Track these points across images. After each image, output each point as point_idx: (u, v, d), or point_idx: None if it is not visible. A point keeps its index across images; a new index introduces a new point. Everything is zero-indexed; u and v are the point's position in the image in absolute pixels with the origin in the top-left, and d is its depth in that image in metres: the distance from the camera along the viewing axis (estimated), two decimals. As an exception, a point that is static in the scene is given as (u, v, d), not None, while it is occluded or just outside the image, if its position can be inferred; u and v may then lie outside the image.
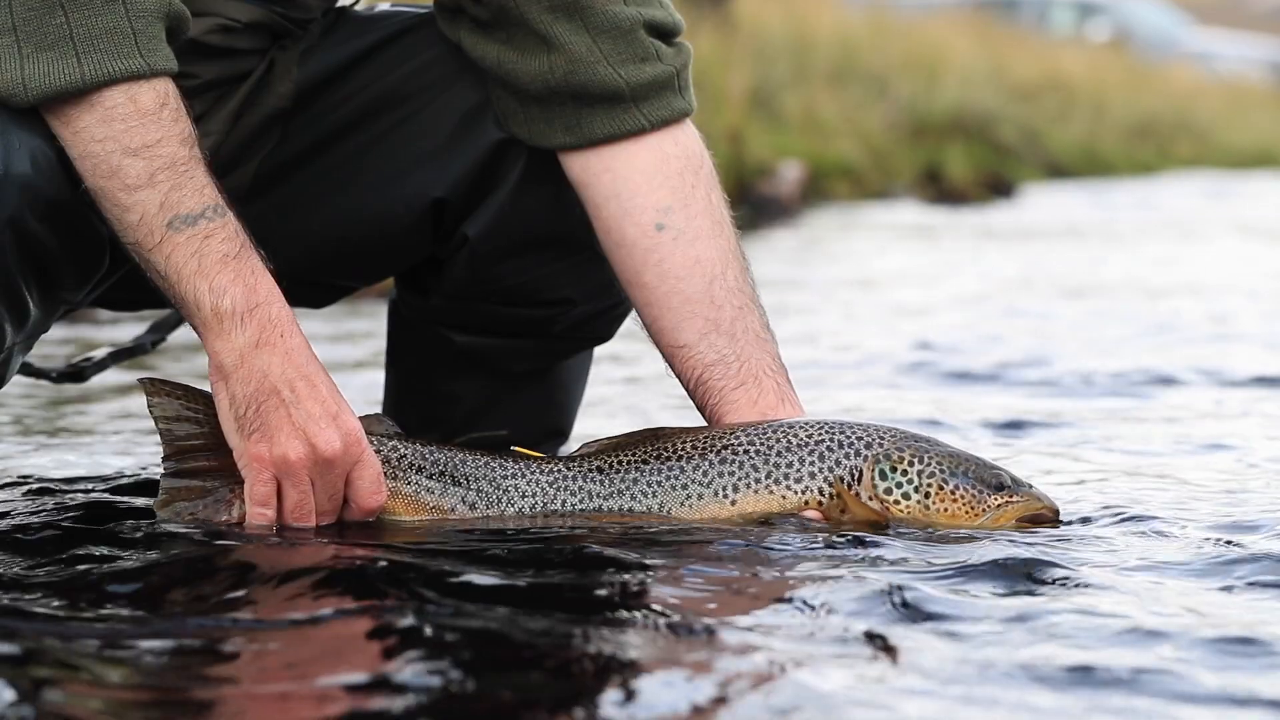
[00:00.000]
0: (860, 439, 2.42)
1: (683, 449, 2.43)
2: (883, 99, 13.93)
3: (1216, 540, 2.45)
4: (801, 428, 2.43)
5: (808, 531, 2.37)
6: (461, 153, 2.66)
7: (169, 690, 1.77)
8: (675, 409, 3.45)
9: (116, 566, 2.21)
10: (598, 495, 2.43)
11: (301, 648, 1.91)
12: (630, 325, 2.76)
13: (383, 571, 2.15)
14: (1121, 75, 20.42)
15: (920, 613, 2.05)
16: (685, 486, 2.42)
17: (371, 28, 2.71)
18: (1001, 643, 1.94)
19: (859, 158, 12.41)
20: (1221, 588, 2.22)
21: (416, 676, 1.78)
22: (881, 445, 2.42)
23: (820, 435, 2.42)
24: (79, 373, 2.98)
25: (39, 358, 2.97)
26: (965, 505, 2.41)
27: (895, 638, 1.96)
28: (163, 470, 2.39)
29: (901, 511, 2.40)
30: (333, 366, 3.95)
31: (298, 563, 2.19)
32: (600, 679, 1.81)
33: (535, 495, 2.44)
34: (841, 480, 2.41)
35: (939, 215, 11.30)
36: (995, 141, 14.86)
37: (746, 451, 2.42)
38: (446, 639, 1.91)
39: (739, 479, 2.42)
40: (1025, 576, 2.20)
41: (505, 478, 2.44)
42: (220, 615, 2.02)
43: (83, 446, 3.29)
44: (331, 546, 2.28)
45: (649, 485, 2.43)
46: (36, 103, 2.27)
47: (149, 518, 2.41)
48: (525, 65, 2.58)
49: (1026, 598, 2.13)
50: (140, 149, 2.28)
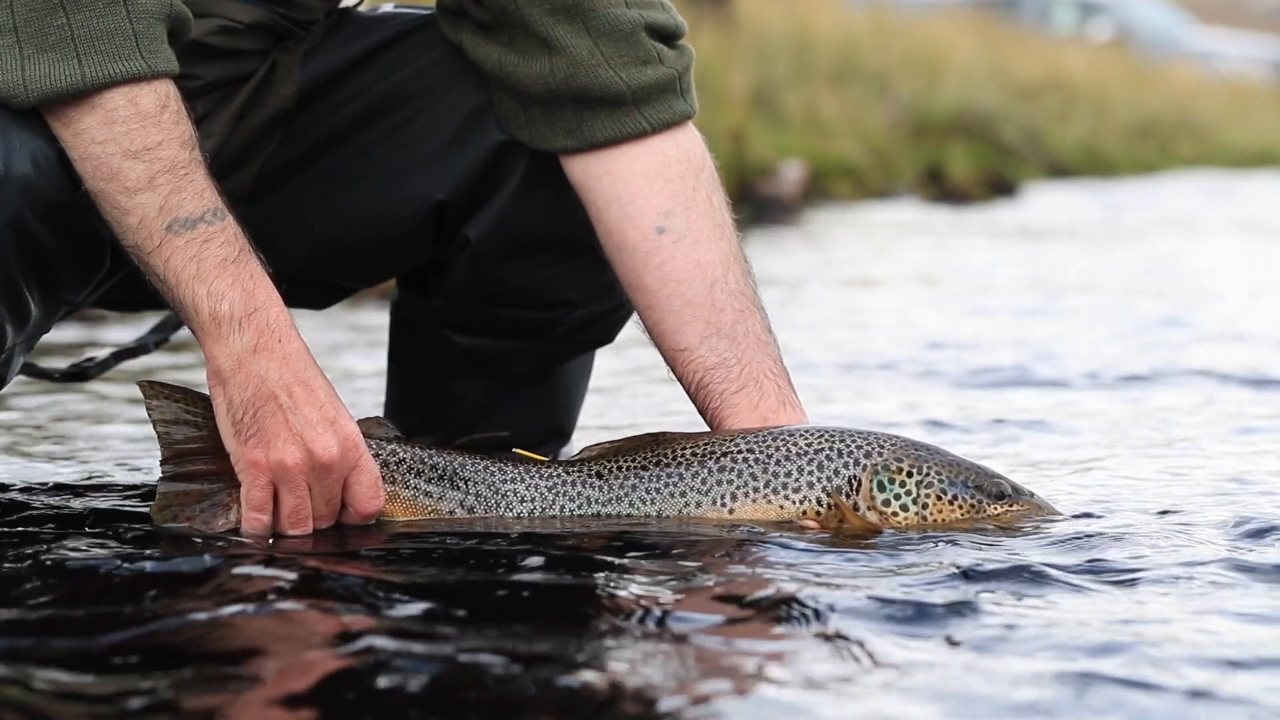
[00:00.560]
0: (859, 448, 2.41)
1: (682, 456, 2.43)
2: (884, 98, 13.92)
3: (1225, 540, 2.45)
4: (801, 436, 2.42)
5: (808, 534, 2.37)
6: (463, 155, 2.65)
7: (160, 691, 1.76)
8: (675, 410, 3.44)
9: (113, 568, 2.21)
10: (596, 501, 2.43)
11: (288, 653, 1.91)
12: (631, 328, 2.76)
13: (372, 578, 2.14)
14: (1123, 74, 20.41)
15: (921, 614, 2.04)
16: (684, 494, 2.42)
17: (374, 29, 2.70)
18: (1005, 643, 1.94)
19: (860, 157, 12.40)
20: (1228, 588, 2.21)
21: (401, 681, 1.78)
22: (881, 455, 2.41)
23: (819, 444, 2.41)
24: (82, 373, 2.98)
25: (42, 358, 2.97)
26: (964, 515, 2.41)
27: (896, 640, 1.96)
28: (160, 474, 2.39)
29: (900, 522, 2.40)
30: (335, 366, 3.90)
31: (290, 568, 2.19)
32: (594, 683, 1.81)
33: (534, 500, 2.43)
34: (840, 490, 2.40)
35: (940, 215, 11.29)
36: (997, 141, 14.85)
37: (745, 460, 2.41)
38: (438, 642, 1.91)
39: (737, 488, 2.41)
40: (1028, 578, 2.20)
41: (504, 482, 2.44)
42: (209, 619, 2.01)
43: (84, 447, 3.28)
44: (325, 551, 2.28)
45: (647, 492, 2.42)
46: (37, 104, 2.27)
47: (147, 521, 2.40)
48: (526, 68, 2.57)
49: (1029, 598, 2.13)
50: (140, 151, 2.27)
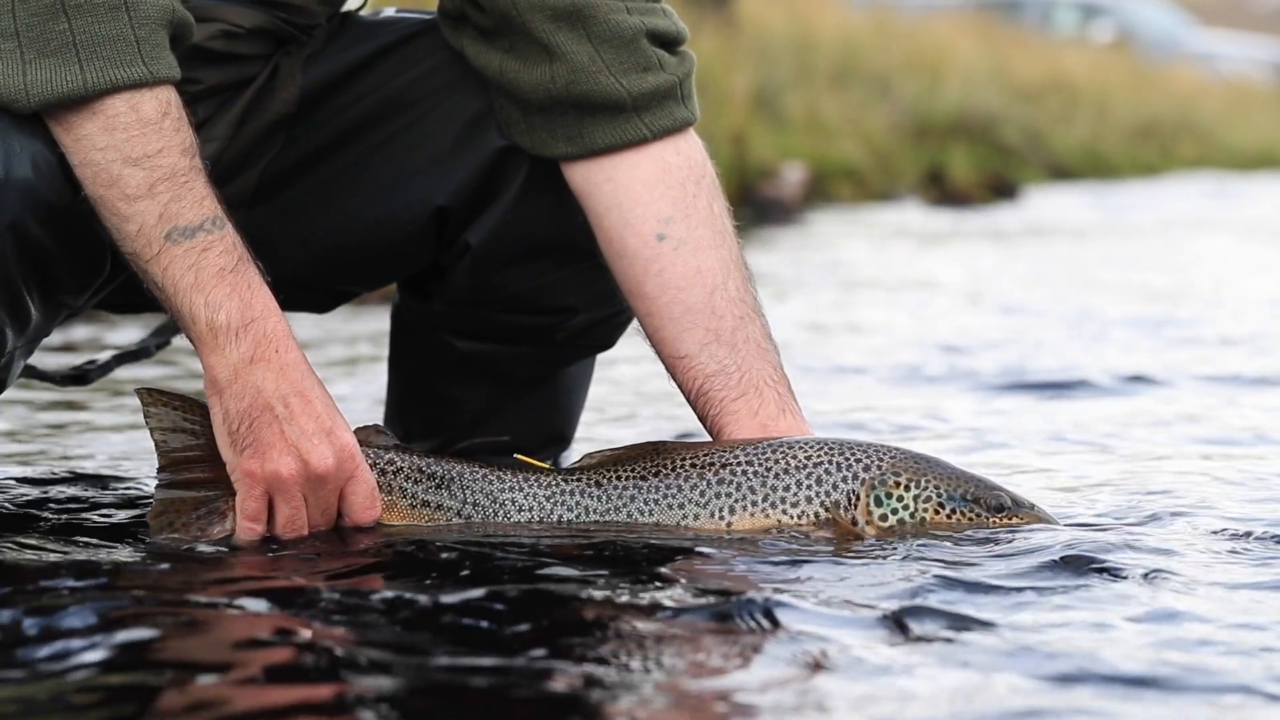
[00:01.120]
0: (858, 461, 2.41)
1: (681, 467, 2.42)
2: (885, 100, 13.92)
3: (1233, 541, 2.45)
4: (801, 448, 2.42)
5: (810, 537, 2.37)
6: (464, 160, 2.65)
7: (147, 696, 1.76)
8: (677, 411, 3.44)
9: (108, 571, 2.21)
10: (594, 511, 2.42)
11: (276, 660, 1.91)
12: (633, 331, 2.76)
13: (362, 587, 2.14)
14: (1125, 76, 20.40)
15: (924, 616, 2.04)
16: (682, 506, 2.41)
17: (376, 34, 2.70)
18: (1009, 645, 1.94)
19: (862, 159, 12.40)
20: (1235, 588, 2.22)
21: (393, 691, 1.78)
22: (879, 468, 2.41)
23: (819, 457, 2.41)
24: (83, 375, 2.97)
25: (44, 359, 2.96)
26: (963, 528, 2.41)
27: (896, 643, 1.96)
28: (157, 481, 2.38)
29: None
30: (339, 366, 3.90)
31: (280, 576, 2.19)
32: (582, 691, 1.81)
33: (532, 509, 2.43)
34: (837, 505, 2.40)
35: (942, 217, 11.29)
36: (998, 143, 14.84)
37: (745, 472, 2.41)
38: (433, 647, 1.91)
39: (735, 500, 2.41)
40: (1035, 579, 2.20)
41: (502, 491, 2.44)
42: (197, 625, 2.01)
43: (86, 450, 3.28)
44: (318, 559, 2.27)
45: (645, 503, 2.42)
46: (38, 109, 2.27)
47: (143, 527, 2.40)
48: (527, 74, 2.57)
49: (1031, 599, 2.13)
50: (141, 159, 2.27)
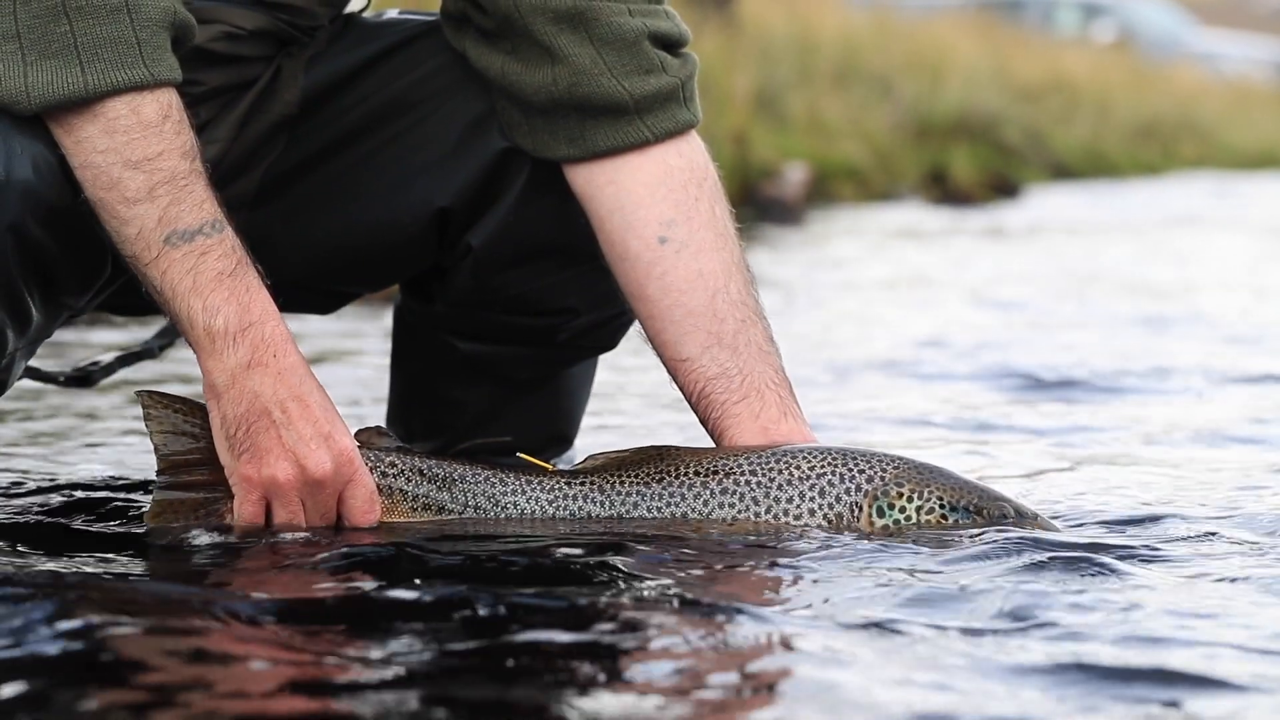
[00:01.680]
0: (861, 472, 2.40)
1: (685, 474, 2.42)
2: (887, 100, 13.92)
3: (1236, 541, 2.46)
4: (804, 458, 2.41)
5: (811, 538, 2.37)
6: (466, 162, 2.65)
7: (141, 701, 1.76)
8: (678, 412, 3.44)
9: (104, 574, 2.21)
10: (597, 517, 2.42)
11: (276, 660, 1.91)
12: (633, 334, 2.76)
13: (362, 588, 2.14)
14: (1126, 76, 20.40)
15: (925, 617, 2.05)
16: (685, 516, 2.41)
17: (378, 35, 2.70)
18: (1011, 645, 1.94)
19: (863, 159, 12.39)
20: (1239, 589, 2.22)
21: (393, 692, 1.78)
22: (882, 480, 2.40)
23: (821, 468, 2.40)
24: (86, 377, 2.98)
25: (47, 362, 2.96)
26: None
27: (896, 645, 1.96)
28: (156, 483, 2.38)
29: None
30: (344, 367, 3.89)
31: (280, 576, 2.19)
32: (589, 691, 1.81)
33: (534, 513, 2.42)
34: (840, 517, 2.40)
35: (944, 217, 11.29)
36: (1000, 142, 14.84)
37: (748, 483, 2.40)
38: (434, 647, 1.91)
39: (739, 511, 2.41)
40: (1038, 580, 2.20)
41: (504, 494, 2.43)
42: (190, 629, 2.00)
43: (83, 451, 3.28)
44: (315, 562, 2.27)
45: (649, 511, 2.42)
46: (39, 110, 2.27)
47: (141, 527, 2.40)
48: (529, 77, 2.57)
49: (1034, 602, 2.12)
50: (141, 162, 2.27)
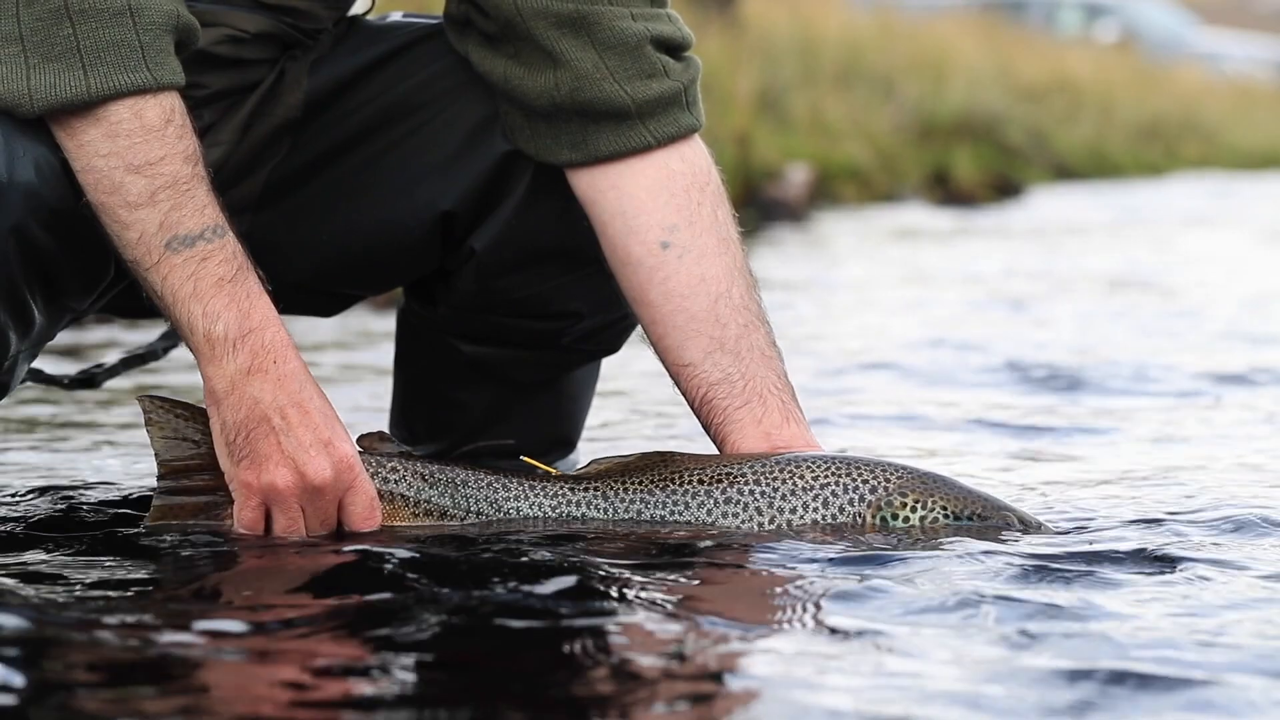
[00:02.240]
0: (865, 482, 2.41)
1: (688, 482, 2.42)
2: (890, 101, 13.91)
3: (1239, 542, 2.46)
4: (808, 467, 2.41)
5: (814, 539, 2.37)
6: (469, 165, 2.65)
7: (138, 703, 1.76)
8: (678, 415, 3.44)
9: (103, 577, 2.21)
10: (598, 522, 2.42)
11: (275, 662, 1.91)
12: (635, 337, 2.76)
13: (361, 590, 2.14)
14: (1129, 76, 20.40)
15: (926, 618, 2.05)
16: (688, 524, 2.41)
17: (382, 38, 2.70)
18: (1014, 654, 1.94)
19: (866, 160, 12.39)
20: (1248, 592, 2.21)
21: (392, 692, 1.78)
22: (886, 489, 2.40)
23: (825, 478, 2.40)
24: (91, 379, 2.98)
25: (51, 364, 2.97)
26: None
27: (896, 645, 1.96)
28: (156, 488, 2.38)
29: None
30: (346, 369, 3.89)
31: (280, 578, 2.19)
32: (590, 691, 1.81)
33: (536, 517, 2.42)
34: (844, 527, 2.39)
35: (947, 217, 11.29)
36: (1003, 143, 14.83)
37: (752, 492, 2.40)
38: (432, 648, 1.91)
39: (743, 520, 2.41)
40: (1041, 588, 2.20)
41: (506, 500, 2.43)
42: (189, 633, 2.00)
43: (88, 454, 3.28)
44: (315, 566, 2.27)
45: (652, 519, 2.42)
46: (42, 113, 2.28)
47: (141, 531, 2.41)
48: (532, 81, 2.57)
49: (1037, 601, 2.13)
50: (143, 166, 2.27)
